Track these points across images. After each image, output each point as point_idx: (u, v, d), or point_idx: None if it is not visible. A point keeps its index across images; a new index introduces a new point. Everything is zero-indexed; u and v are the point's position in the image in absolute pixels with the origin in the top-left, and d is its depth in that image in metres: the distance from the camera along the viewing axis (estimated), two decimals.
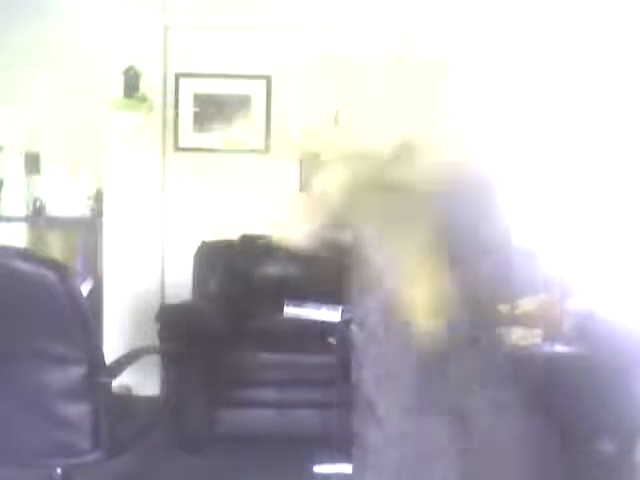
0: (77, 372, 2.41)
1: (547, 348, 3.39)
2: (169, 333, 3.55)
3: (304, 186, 4.36)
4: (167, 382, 3.72)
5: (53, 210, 4.48)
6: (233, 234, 4.21)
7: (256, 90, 4.35)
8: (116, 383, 2.61)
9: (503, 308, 3.55)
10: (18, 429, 2.45)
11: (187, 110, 4.35)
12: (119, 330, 4.16)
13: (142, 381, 3.73)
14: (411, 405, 1.40)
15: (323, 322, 3.87)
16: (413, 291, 1.36)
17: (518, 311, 3.51)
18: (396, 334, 1.40)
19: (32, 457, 2.50)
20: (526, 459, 1.42)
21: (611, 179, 3.86)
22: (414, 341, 1.37)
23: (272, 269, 4.13)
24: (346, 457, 3.23)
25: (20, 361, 2.43)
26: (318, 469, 3.22)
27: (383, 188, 1.40)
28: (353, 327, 3.49)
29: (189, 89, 4.34)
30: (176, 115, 4.32)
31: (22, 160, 4.48)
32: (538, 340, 3.43)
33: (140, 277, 4.27)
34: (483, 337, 1.41)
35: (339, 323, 3.89)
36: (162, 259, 4.34)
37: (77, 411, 2.42)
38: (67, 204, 4.47)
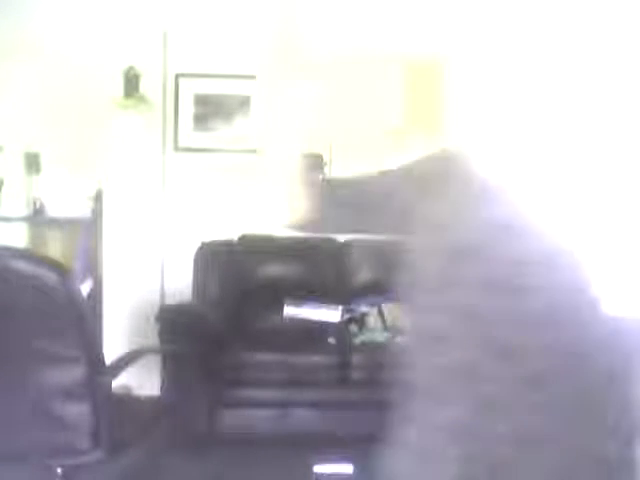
0: (77, 372, 2.41)
1: None
2: (169, 333, 3.56)
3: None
4: (167, 382, 3.72)
5: (53, 210, 4.48)
6: (233, 234, 4.21)
7: (256, 90, 4.35)
8: (116, 383, 2.61)
9: None
10: (18, 429, 2.45)
11: (187, 110, 4.35)
12: (119, 330, 4.15)
13: (142, 381, 3.73)
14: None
15: (323, 322, 3.87)
16: None
17: None
18: None
19: (32, 457, 2.50)
20: None
21: (613, 177, 3.86)
22: None
23: (272, 269, 4.13)
24: (346, 457, 3.24)
25: (20, 361, 2.43)
26: (318, 469, 3.22)
27: None
28: (352, 327, 3.48)
29: (189, 89, 4.34)
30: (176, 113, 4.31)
31: (22, 160, 4.48)
32: None
33: (140, 277, 4.27)
34: None
35: (339, 323, 3.89)
36: (162, 259, 4.34)
37: (77, 411, 2.43)
38: (67, 204, 4.46)
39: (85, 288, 4.03)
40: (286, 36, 1.40)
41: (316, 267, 4.12)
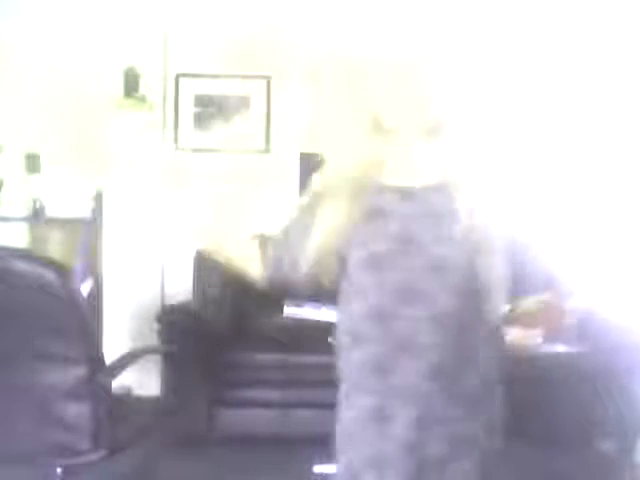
0: (77, 372, 2.42)
1: (547, 348, 3.39)
2: (169, 333, 3.56)
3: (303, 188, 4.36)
4: (167, 382, 3.72)
5: (53, 210, 4.48)
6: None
7: (256, 90, 4.35)
8: (116, 383, 2.61)
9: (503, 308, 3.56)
10: (18, 429, 2.45)
11: (187, 110, 4.34)
12: (119, 330, 4.15)
13: (142, 381, 3.73)
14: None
15: (323, 322, 3.87)
16: None
17: (518, 311, 3.51)
18: None
19: (32, 457, 2.50)
20: None
21: (611, 178, 3.86)
22: None
23: None
24: None
25: (20, 362, 2.44)
26: (318, 469, 3.22)
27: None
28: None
29: (189, 89, 4.34)
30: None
31: (22, 160, 4.48)
32: (538, 340, 3.44)
33: (140, 277, 4.27)
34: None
35: None
36: (162, 259, 4.33)
37: (77, 411, 2.43)
38: (67, 204, 4.46)
39: (85, 288, 4.03)
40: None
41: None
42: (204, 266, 4.10)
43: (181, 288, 4.14)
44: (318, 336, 3.75)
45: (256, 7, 4.24)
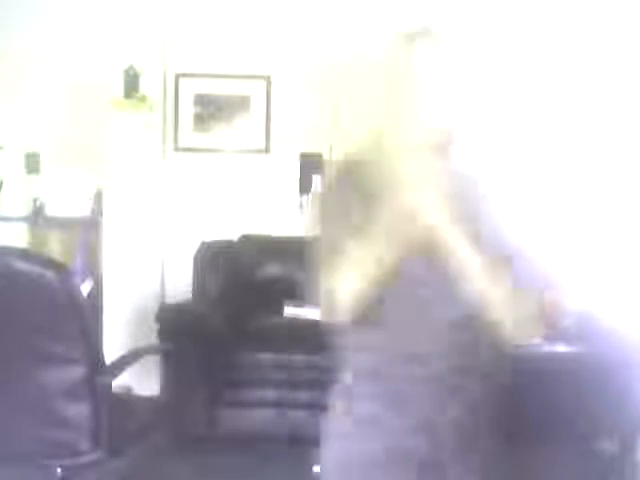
0: (77, 372, 2.42)
1: (547, 348, 3.39)
2: (169, 333, 3.56)
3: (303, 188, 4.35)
4: (167, 382, 3.72)
5: (53, 210, 4.48)
6: (233, 234, 4.21)
7: (256, 90, 4.35)
8: (116, 383, 2.61)
9: None
10: (18, 429, 2.45)
11: (187, 110, 4.35)
12: (119, 330, 4.15)
13: (142, 381, 3.73)
14: None
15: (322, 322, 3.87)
16: None
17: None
18: None
19: (32, 457, 2.50)
20: None
21: (609, 180, 3.86)
22: None
23: (272, 269, 4.13)
24: None
25: (20, 361, 2.44)
26: (318, 469, 3.22)
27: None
28: None
29: (189, 89, 4.34)
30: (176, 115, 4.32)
31: (22, 160, 4.48)
32: (538, 340, 3.44)
33: (140, 277, 4.27)
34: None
35: None
36: (162, 259, 4.34)
37: (77, 411, 2.43)
38: (67, 204, 4.46)
39: (85, 288, 4.03)
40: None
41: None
42: (204, 266, 4.10)
43: (181, 288, 4.14)
44: (318, 336, 3.76)
45: (256, 7, 4.25)
